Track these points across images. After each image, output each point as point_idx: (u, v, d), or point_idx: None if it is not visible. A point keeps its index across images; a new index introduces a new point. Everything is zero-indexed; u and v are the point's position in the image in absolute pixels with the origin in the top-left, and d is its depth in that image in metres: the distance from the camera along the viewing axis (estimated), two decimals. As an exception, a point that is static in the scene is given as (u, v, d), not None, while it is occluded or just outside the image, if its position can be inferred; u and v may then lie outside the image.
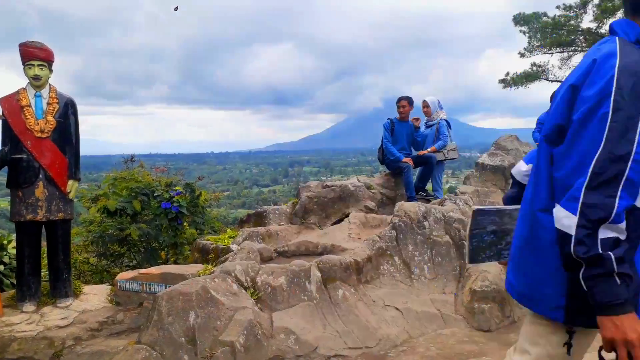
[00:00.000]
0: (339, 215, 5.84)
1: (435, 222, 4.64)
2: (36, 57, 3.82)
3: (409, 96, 6.57)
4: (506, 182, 5.56)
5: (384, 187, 6.47)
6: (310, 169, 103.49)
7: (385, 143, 6.52)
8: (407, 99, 6.52)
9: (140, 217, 6.23)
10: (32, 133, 3.81)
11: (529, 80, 21.26)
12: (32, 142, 3.81)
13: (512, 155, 5.73)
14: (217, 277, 3.57)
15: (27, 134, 3.81)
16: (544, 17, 20.67)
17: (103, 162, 40.08)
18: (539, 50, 21.13)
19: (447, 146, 6.54)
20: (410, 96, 6.58)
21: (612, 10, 19.23)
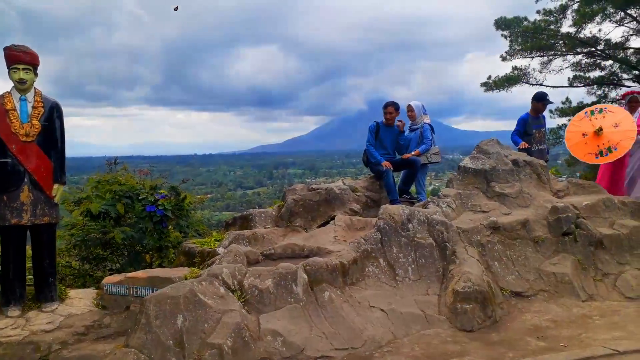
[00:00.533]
0: (324, 218, 5.90)
1: (419, 224, 4.73)
2: (21, 61, 3.81)
3: (395, 102, 6.67)
4: (487, 185, 5.68)
5: (369, 190, 6.55)
6: (295, 170, 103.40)
7: (368, 146, 6.61)
8: (393, 104, 6.61)
9: (123, 220, 6.21)
10: (17, 137, 3.80)
11: (511, 83, 21.60)
12: (17, 146, 3.80)
13: (493, 158, 5.84)
14: (205, 280, 3.60)
15: (12, 138, 3.80)
16: (525, 21, 21.04)
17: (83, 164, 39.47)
18: (520, 54, 21.49)
19: (430, 150, 6.66)
20: (396, 102, 6.67)
21: (590, 15, 19.67)
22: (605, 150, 6.13)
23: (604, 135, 6.19)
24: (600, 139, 6.22)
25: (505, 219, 5.10)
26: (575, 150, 6.53)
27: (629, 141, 6.07)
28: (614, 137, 6.13)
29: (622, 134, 6.11)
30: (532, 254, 4.89)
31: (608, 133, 6.19)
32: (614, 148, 6.07)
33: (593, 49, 20.88)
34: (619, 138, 6.10)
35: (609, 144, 6.12)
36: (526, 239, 4.98)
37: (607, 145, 6.12)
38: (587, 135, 6.36)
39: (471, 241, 4.78)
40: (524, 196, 5.58)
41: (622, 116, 6.30)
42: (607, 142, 6.13)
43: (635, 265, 4.94)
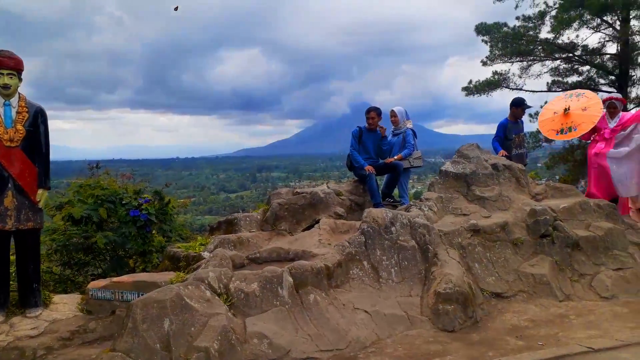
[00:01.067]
0: (309, 221, 5.96)
1: (402, 227, 4.82)
2: (5, 66, 3.80)
3: (377, 107, 6.76)
4: (468, 189, 5.81)
5: (353, 193, 6.62)
6: (278, 174, 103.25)
7: (352, 151, 6.69)
8: (376, 110, 6.70)
9: (106, 225, 6.18)
10: (1, 142, 3.78)
11: (491, 88, 21.97)
12: (1, 152, 3.78)
13: (473, 162, 5.98)
14: (191, 284, 3.63)
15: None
16: (505, 27, 21.44)
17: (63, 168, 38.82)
18: (500, 59, 21.87)
19: (413, 154, 6.78)
20: (379, 107, 6.76)
21: (568, 21, 20.13)
22: (566, 129, 6.42)
23: (570, 115, 6.44)
24: (566, 118, 6.47)
25: (485, 221, 5.23)
26: (543, 125, 6.81)
27: (589, 125, 6.30)
28: (577, 119, 6.37)
29: (585, 117, 6.34)
30: (512, 256, 5.02)
31: (574, 114, 6.43)
32: (574, 128, 6.33)
33: (571, 54, 21.38)
34: (582, 120, 6.33)
35: (571, 123, 6.37)
36: (506, 241, 5.11)
37: (570, 125, 6.38)
38: (557, 113, 6.62)
39: (452, 243, 4.89)
40: (504, 199, 5.72)
41: (593, 102, 6.52)
42: (571, 122, 6.39)
43: (610, 266, 5.11)
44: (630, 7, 19.33)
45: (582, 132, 6.33)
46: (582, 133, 6.36)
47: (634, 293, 4.78)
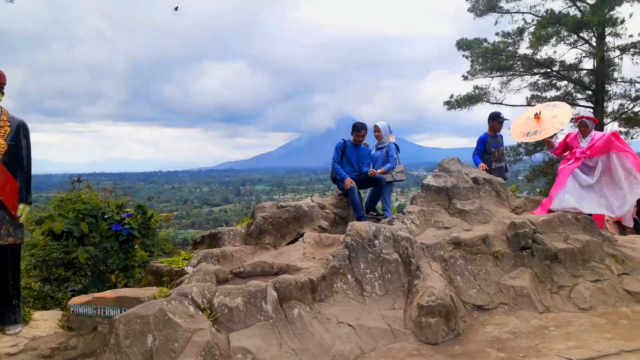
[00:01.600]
0: (293, 235, 5.98)
1: (385, 240, 4.87)
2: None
3: (365, 124, 6.81)
4: (449, 202, 5.90)
5: (337, 207, 6.67)
6: (262, 187, 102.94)
7: (333, 163, 6.75)
8: (365, 128, 6.77)
9: (87, 240, 6.11)
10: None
11: (472, 102, 22.38)
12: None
13: (454, 176, 6.09)
14: (174, 299, 3.61)
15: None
16: (485, 43, 21.94)
17: (42, 182, 38.24)
18: (481, 74, 22.34)
19: (395, 168, 6.88)
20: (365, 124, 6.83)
21: (545, 38, 20.69)
22: (532, 132, 6.55)
23: (539, 118, 6.60)
24: (536, 122, 6.62)
25: (466, 234, 5.31)
26: (514, 127, 6.94)
27: (553, 130, 6.50)
28: (544, 124, 6.53)
29: (552, 123, 6.50)
30: (492, 268, 5.10)
31: (543, 120, 6.58)
32: (539, 132, 6.47)
33: (549, 69, 21.93)
34: (549, 126, 6.49)
35: (538, 127, 6.52)
36: (486, 254, 5.19)
37: (536, 129, 6.52)
38: (530, 118, 6.79)
39: (434, 256, 4.95)
40: (484, 212, 5.82)
41: (564, 111, 6.71)
42: (538, 127, 6.53)
43: (588, 278, 5.22)
44: (605, 25, 19.95)
45: (545, 135, 6.44)
46: (546, 137, 6.48)
47: (611, 304, 4.88)
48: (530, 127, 6.61)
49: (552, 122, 6.49)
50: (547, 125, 6.48)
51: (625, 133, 20.47)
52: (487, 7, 21.71)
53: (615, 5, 19.84)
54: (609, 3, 19.77)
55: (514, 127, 6.94)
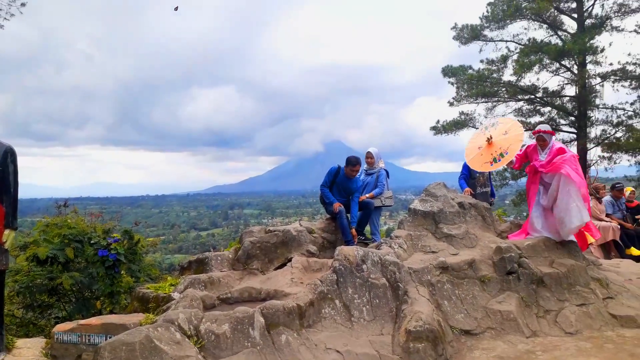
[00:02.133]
0: (281, 260, 5.97)
1: (373, 265, 4.89)
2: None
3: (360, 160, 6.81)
4: (436, 226, 5.95)
5: (325, 231, 6.69)
6: (251, 211, 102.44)
7: (321, 187, 6.78)
8: (360, 163, 6.76)
9: (72, 265, 6.04)
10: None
11: (458, 127, 22.75)
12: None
13: (440, 201, 6.16)
14: (160, 326, 3.58)
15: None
16: (470, 70, 22.45)
17: (27, 206, 37.76)
18: (466, 100, 22.79)
19: (385, 194, 6.96)
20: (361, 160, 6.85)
21: (528, 65, 21.25)
22: (498, 157, 6.35)
23: (494, 143, 6.45)
24: (492, 147, 6.46)
25: (453, 259, 5.35)
26: (474, 163, 6.70)
27: (517, 144, 6.31)
28: (504, 144, 6.37)
29: (511, 139, 6.35)
30: (479, 293, 5.13)
31: (498, 141, 6.44)
32: (505, 153, 6.29)
33: (532, 96, 22.43)
34: (509, 143, 6.33)
35: (500, 150, 6.35)
36: (473, 278, 5.23)
37: (499, 151, 6.34)
38: (482, 147, 6.61)
39: (422, 281, 4.97)
40: (470, 237, 5.88)
41: (511, 124, 6.60)
42: (499, 149, 6.36)
43: (574, 302, 5.26)
44: (585, 53, 20.56)
45: (514, 153, 6.31)
46: (515, 154, 6.34)
47: (597, 328, 4.92)
48: (492, 153, 6.43)
49: (509, 138, 6.35)
50: (507, 144, 6.33)
51: (608, 158, 20.90)
52: (472, 35, 22.30)
53: (595, 34, 20.50)
54: (589, 32, 20.44)
55: (474, 163, 6.70)
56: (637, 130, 19.75)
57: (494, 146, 6.43)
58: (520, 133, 6.36)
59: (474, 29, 22.17)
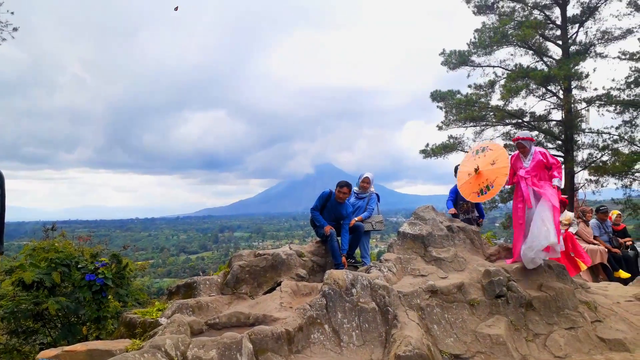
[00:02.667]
0: (270, 284, 5.93)
1: (362, 289, 4.88)
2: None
3: (350, 184, 6.85)
4: (425, 250, 5.97)
5: (315, 254, 6.67)
6: (241, 234, 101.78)
7: (312, 210, 6.79)
8: (349, 186, 6.79)
9: (59, 290, 5.95)
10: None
11: (447, 151, 23.00)
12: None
13: (429, 224, 6.20)
14: (147, 352, 3.53)
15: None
16: (458, 94, 22.83)
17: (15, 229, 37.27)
18: (455, 124, 23.11)
19: (375, 218, 6.99)
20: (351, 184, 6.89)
21: (516, 90, 21.67)
22: (484, 189, 6.33)
23: (481, 173, 6.43)
24: (479, 177, 6.42)
25: (442, 282, 5.36)
26: (464, 190, 6.67)
27: (503, 178, 6.27)
28: (490, 176, 6.34)
29: (497, 172, 6.32)
30: (469, 317, 5.13)
31: (485, 171, 6.41)
32: (491, 186, 6.28)
33: (520, 120, 22.80)
34: (495, 176, 6.31)
35: (487, 182, 6.33)
36: (462, 302, 5.23)
37: (486, 183, 6.33)
38: (471, 175, 6.57)
39: (411, 305, 4.96)
40: (459, 260, 5.90)
41: (499, 153, 6.51)
42: (486, 181, 6.35)
43: (563, 325, 5.28)
44: (571, 79, 21.03)
45: (499, 187, 6.33)
46: (500, 188, 6.36)
47: (586, 352, 4.93)
48: (479, 184, 6.42)
49: (495, 170, 6.34)
50: (493, 176, 6.32)
51: (595, 181, 21.17)
52: (460, 61, 22.74)
53: (580, 60, 21.02)
54: (574, 59, 20.95)
55: (464, 190, 6.68)
56: (623, 154, 20.09)
57: (481, 176, 6.43)
58: (506, 166, 6.34)
59: (462, 55, 22.63)
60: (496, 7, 23.33)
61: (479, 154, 6.71)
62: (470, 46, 22.57)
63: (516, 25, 21.57)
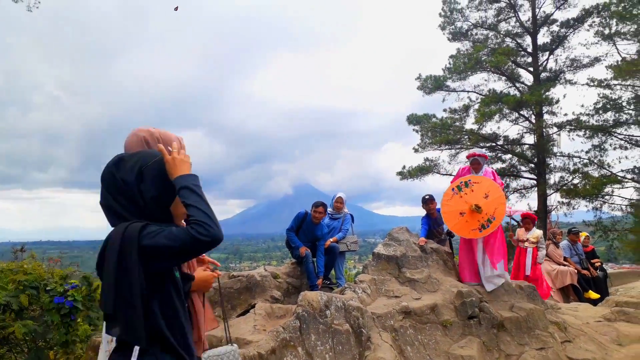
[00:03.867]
0: (245, 306, 5.88)
1: (337, 310, 4.89)
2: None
3: (325, 204, 6.89)
4: (399, 271, 6.03)
5: (290, 276, 6.66)
6: (218, 255, 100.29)
7: (287, 232, 6.80)
8: (324, 205, 6.82)
9: (26, 313, 5.79)
10: None
11: (423, 173, 23.37)
12: None
13: (403, 245, 6.27)
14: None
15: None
16: (434, 118, 23.32)
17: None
18: (431, 147, 23.54)
19: (349, 238, 7.03)
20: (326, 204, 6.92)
21: (489, 114, 22.25)
22: (486, 223, 6.17)
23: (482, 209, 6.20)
24: (476, 213, 6.22)
25: (416, 303, 5.41)
26: (460, 230, 6.37)
27: (502, 207, 6.22)
28: (489, 208, 6.20)
29: (495, 202, 6.21)
30: (442, 338, 5.17)
31: (483, 206, 6.24)
32: (493, 218, 6.15)
33: (494, 143, 23.36)
34: (494, 207, 6.19)
35: (487, 215, 6.18)
36: (436, 323, 5.28)
37: (486, 217, 6.18)
38: (465, 213, 6.28)
39: (385, 326, 4.98)
40: (432, 281, 5.97)
41: (488, 184, 6.40)
42: (485, 215, 6.19)
43: (534, 346, 5.36)
44: (542, 104, 21.71)
45: (501, 217, 6.27)
46: (502, 219, 6.32)
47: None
48: (478, 220, 6.22)
49: (491, 201, 6.24)
50: (492, 207, 6.20)
51: (567, 204, 21.70)
52: (435, 86, 23.31)
53: (550, 87, 21.77)
54: (545, 85, 21.68)
55: (460, 229, 6.34)
56: (593, 177, 20.70)
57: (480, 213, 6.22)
58: (501, 195, 6.31)
59: (437, 80, 23.20)
60: (470, 34, 24.12)
61: (462, 190, 6.43)
62: (445, 71, 23.19)
63: (489, 52, 22.29)
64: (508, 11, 23.50)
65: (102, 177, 1.83)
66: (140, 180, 1.79)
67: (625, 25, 21.35)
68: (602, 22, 21.99)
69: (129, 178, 1.78)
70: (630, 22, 20.99)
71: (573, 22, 22.44)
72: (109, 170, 1.82)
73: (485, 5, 23.45)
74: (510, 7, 23.35)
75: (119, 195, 1.79)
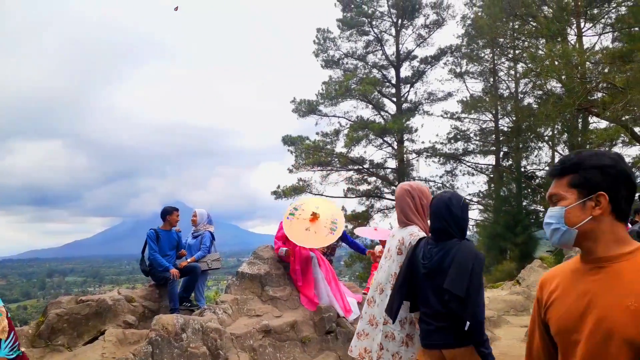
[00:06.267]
0: (93, 333, 5.40)
1: (194, 333, 4.73)
2: None
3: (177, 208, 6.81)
4: (262, 289, 6.04)
5: (147, 299, 6.27)
6: (74, 279, 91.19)
7: (153, 254, 6.40)
8: (177, 209, 6.74)
9: None
10: None
11: (297, 192, 23.91)
12: None
13: (268, 263, 6.30)
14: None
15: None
16: (307, 140, 24.10)
17: None
18: (304, 168, 24.25)
19: (211, 256, 6.84)
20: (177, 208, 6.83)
21: (357, 139, 23.66)
22: (333, 226, 6.18)
23: (319, 216, 6.18)
24: (319, 221, 6.17)
25: (276, 321, 5.45)
26: (315, 242, 6.18)
27: (336, 210, 6.47)
28: (327, 215, 6.23)
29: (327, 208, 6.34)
30: (300, 354, 5.26)
31: (320, 214, 6.22)
32: (335, 219, 6.23)
33: (361, 166, 24.80)
34: (330, 212, 6.30)
35: (328, 219, 6.21)
36: (295, 340, 5.36)
37: (329, 221, 6.20)
38: (310, 228, 6.13)
39: (244, 346, 4.94)
40: (294, 298, 6.07)
41: (313, 201, 6.70)
42: (326, 219, 6.20)
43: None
44: (403, 132, 23.70)
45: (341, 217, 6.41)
46: (342, 218, 6.47)
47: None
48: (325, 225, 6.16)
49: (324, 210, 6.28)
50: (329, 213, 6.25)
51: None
52: (308, 109, 24.20)
53: (411, 116, 23.90)
54: (406, 114, 23.74)
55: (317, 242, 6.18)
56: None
57: (320, 219, 6.20)
58: (327, 200, 6.53)
59: (311, 104, 24.11)
60: (341, 63, 25.55)
61: (296, 213, 6.33)
62: (318, 97, 24.19)
63: (358, 81, 23.80)
64: (375, 44, 25.42)
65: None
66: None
67: (473, 65, 24.38)
68: (454, 62, 24.85)
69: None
70: (476, 64, 24.03)
71: (430, 59, 25.01)
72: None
73: (356, 37, 25.10)
74: (377, 41, 25.28)
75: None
